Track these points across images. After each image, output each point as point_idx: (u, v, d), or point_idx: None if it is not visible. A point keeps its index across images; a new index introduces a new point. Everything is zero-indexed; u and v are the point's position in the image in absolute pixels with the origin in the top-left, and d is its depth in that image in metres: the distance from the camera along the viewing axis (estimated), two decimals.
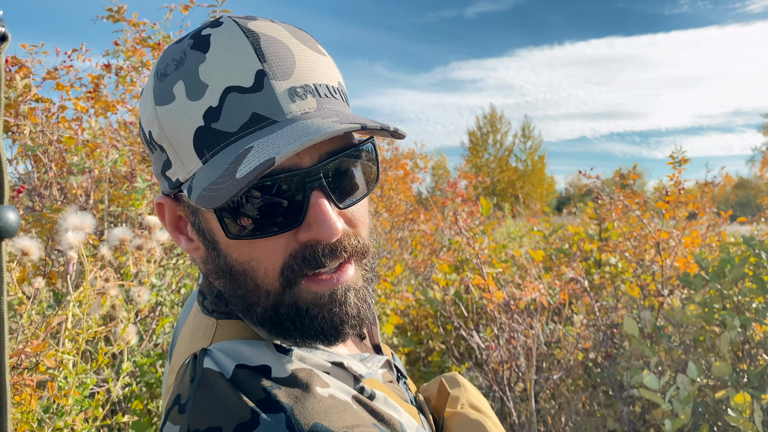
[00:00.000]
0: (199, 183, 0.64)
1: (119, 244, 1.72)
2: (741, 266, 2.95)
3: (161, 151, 0.69)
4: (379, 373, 0.82)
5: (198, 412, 0.64)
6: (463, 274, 4.06)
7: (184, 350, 0.78)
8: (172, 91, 0.66)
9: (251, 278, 0.69)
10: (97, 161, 2.66)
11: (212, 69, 0.65)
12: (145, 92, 0.71)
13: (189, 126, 0.65)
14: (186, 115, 0.65)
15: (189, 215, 0.73)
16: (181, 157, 0.67)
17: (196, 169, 0.66)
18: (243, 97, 0.64)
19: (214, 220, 0.68)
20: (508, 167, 40.64)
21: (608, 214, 3.91)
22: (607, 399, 3.25)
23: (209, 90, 0.64)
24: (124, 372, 1.73)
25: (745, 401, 2.33)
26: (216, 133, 0.64)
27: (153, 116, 0.68)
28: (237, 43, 0.66)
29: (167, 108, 0.66)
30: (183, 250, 0.75)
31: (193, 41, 0.67)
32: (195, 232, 0.73)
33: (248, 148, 0.61)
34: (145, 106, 0.70)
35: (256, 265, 0.68)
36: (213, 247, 0.71)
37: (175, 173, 0.69)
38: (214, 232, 0.70)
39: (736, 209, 21.64)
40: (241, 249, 0.68)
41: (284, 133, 0.61)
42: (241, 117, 0.64)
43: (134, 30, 3.33)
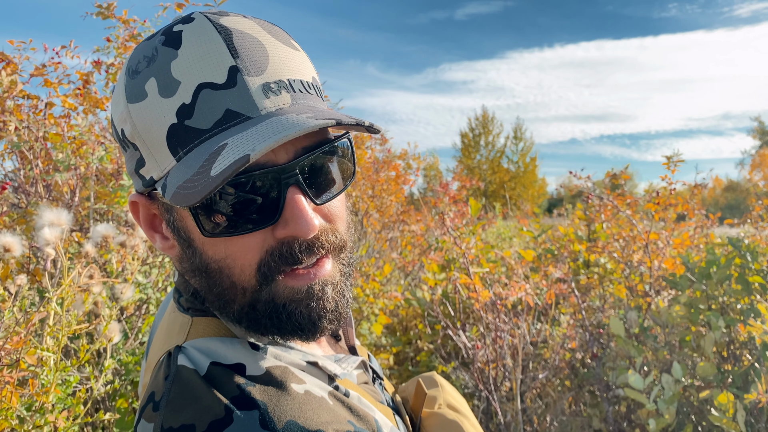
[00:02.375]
0: (173, 181, 0.63)
1: (103, 240, 1.71)
2: (726, 267, 2.97)
3: (134, 149, 0.68)
4: (354, 374, 0.82)
5: (172, 410, 0.64)
6: (450, 273, 4.06)
7: (159, 348, 0.78)
8: (144, 89, 0.65)
9: (227, 276, 0.68)
10: (84, 158, 2.65)
11: (184, 65, 0.64)
12: (117, 90, 0.70)
13: (162, 123, 0.64)
14: (159, 113, 0.64)
15: (163, 213, 0.72)
16: (155, 155, 0.66)
17: (170, 167, 0.65)
18: (216, 93, 0.63)
19: (189, 218, 0.68)
20: (500, 169, 40.72)
21: (597, 216, 3.93)
22: (593, 399, 3.27)
23: (182, 87, 0.63)
24: (106, 369, 1.72)
25: (729, 401, 2.35)
26: (189, 130, 0.63)
27: (125, 114, 0.67)
28: (209, 39, 0.65)
29: (139, 105, 0.65)
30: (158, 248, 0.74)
31: (164, 38, 0.67)
32: (170, 230, 0.72)
33: (222, 145, 0.61)
34: (116, 104, 0.69)
35: (232, 262, 0.67)
36: (188, 245, 0.70)
37: (148, 171, 0.68)
38: (189, 230, 0.69)
39: (725, 212, 21.77)
40: (216, 246, 0.68)
41: (259, 130, 0.61)
42: (214, 114, 0.63)
43: (125, 27, 3.32)
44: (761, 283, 2.98)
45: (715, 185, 47.88)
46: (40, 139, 2.72)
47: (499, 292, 3.14)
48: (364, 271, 4.65)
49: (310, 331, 0.70)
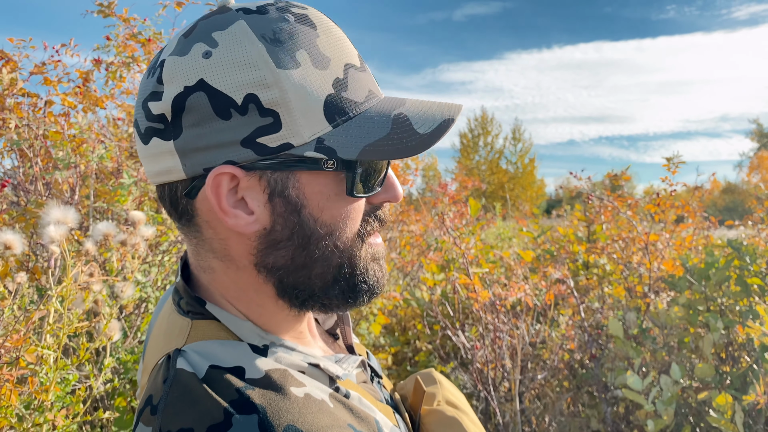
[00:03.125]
0: (349, 141, 0.68)
1: (103, 239, 1.71)
2: (725, 269, 2.97)
3: (260, 116, 0.66)
4: (354, 374, 0.82)
5: (170, 413, 0.64)
6: (449, 273, 4.06)
7: (157, 350, 0.77)
8: (296, 58, 0.68)
9: (333, 239, 0.73)
10: (83, 156, 2.65)
11: (328, 45, 0.71)
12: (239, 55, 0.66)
13: (320, 92, 0.68)
14: (315, 82, 0.68)
15: (267, 183, 0.70)
16: (303, 121, 0.67)
17: (323, 132, 0.68)
18: (359, 74, 0.73)
19: (314, 183, 0.71)
20: (499, 169, 40.73)
21: (597, 217, 3.93)
22: (592, 399, 3.27)
23: (333, 63, 0.70)
24: (105, 368, 1.72)
25: (727, 402, 2.35)
26: (347, 101, 0.70)
27: (271, 80, 0.66)
28: (334, 27, 0.74)
29: (293, 72, 0.67)
30: (231, 225, 0.71)
31: (292, 16, 0.70)
32: (266, 201, 0.71)
33: (401, 114, 0.72)
34: (240, 70, 0.66)
35: (344, 225, 0.73)
36: (297, 212, 0.71)
37: (281, 138, 0.67)
38: (306, 197, 0.71)
39: (724, 214, 21.74)
40: (338, 210, 0.72)
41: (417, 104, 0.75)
42: (363, 90, 0.72)
43: (125, 25, 3.32)
44: (760, 285, 2.98)
45: (713, 187, 47.94)
46: (40, 137, 2.72)
47: (498, 293, 3.14)
48: None
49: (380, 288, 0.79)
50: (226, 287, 0.77)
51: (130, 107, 3.25)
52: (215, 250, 0.76)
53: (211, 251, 0.77)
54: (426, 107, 0.74)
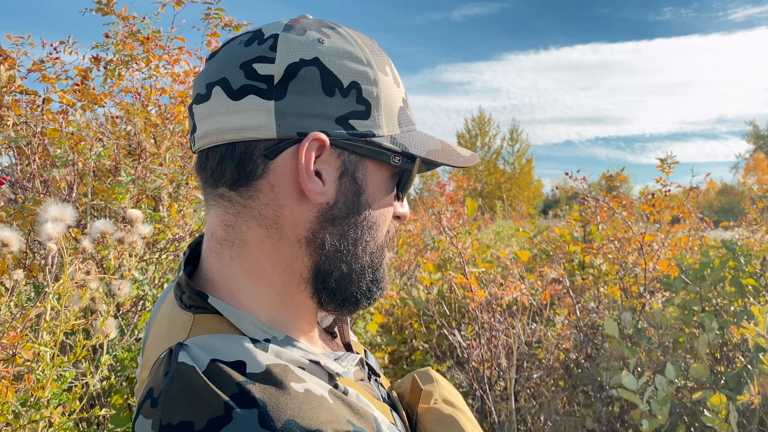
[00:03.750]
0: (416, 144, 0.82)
1: (100, 237, 1.71)
2: (720, 269, 2.99)
3: (356, 102, 0.77)
4: (352, 371, 0.83)
5: (170, 406, 0.64)
6: (446, 272, 4.07)
7: (159, 345, 0.77)
8: (386, 69, 0.81)
9: (374, 231, 0.81)
10: (81, 154, 2.65)
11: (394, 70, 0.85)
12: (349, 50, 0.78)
13: (397, 101, 0.81)
14: (395, 93, 0.81)
15: (343, 162, 0.78)
16: (385, 118, 0.79)
17: (395, 133, 0.80)
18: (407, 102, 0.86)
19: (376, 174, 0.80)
20: (496, 170, 40.77)
21: (593, 217, 3.94)
22: (587, 399, 3.28)
23: (401, 85, 0.85)
24: (102, 365, 1.72)
25: (721, 402, 2.37)
26: (407, 116, 0.84)
27: (372, 77, 0.78)
28: None
29: (386, 79, 0.80)
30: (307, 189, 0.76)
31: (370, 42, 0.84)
32: (338, 177, 0.78)
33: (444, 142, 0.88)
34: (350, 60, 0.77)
35: (382, 221, 0.82)
36: (359, 195, 0.79)
37: (367, 126, 0.77)
38: (369, 183, 0.80)
39: (719, 215, 21.75)
40: (384, 204, 0.82)
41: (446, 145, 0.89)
42: (412, 116, 0.87)
43: (124, 24, 3.32)
44: (754, 286, 3.00)
45: (709, 188, 48.07)
46: (38, 135, 2.72)
47: (494, 292, 3.15)
48: None
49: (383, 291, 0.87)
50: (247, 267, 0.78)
51: (128, 105, 3.25)
52: (265, 216, 0.77)
53: (256, 219, 0.77)
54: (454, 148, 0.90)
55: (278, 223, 0.77)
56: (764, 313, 2.47)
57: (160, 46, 3.36)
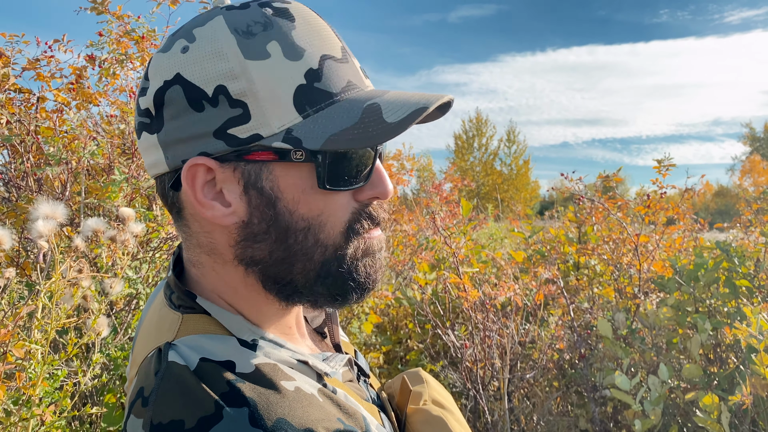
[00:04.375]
0: (315, 132, 0.67)
1: (93, 235, 1.71)
2: (714, 271, 3.00)
3: (230, 107, 0.68)
4: (340, 372, 0.83)
5: (161, 405, 0.64)
6: (440, 272, 4.07)
7: (147, 344, 0.77)
8: (266, 49, 0.69)
9: (314, 233, 0.72)
10: (75, 153, 2.65)
11: (305, 36, 0.71)
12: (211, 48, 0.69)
13: (289, 83, 0.68)
14: (285, 73, 0.68)
15: (240, 175, 0.71)
16: (272, 111, 0.68)
17: (292, 123, 0.68)
18: (338, 65, 0.72)
19: (288, 175, 0.70)
20: (493, 171, 40.79)
21: (588, 218, 3.95)
22: (580, 399, 3.29)
23: (307, 54, 0.70)
24: (94, 363, 1.72)
25: (714, 403, 2.37)
26: (319, 91, 0.69)
27: (238, 70, 0.68)
28: (316, 19, 0.74)
29: (262, 63, 0.68)
30: (209, 216, 0.72)
31: (271, 10, 0.71)
32: (242, 193, 0.71)
33: (374, 103, 0.69)
34: (210, 62, 0.68)
35: (325, 219, 0.72)
36: (272, 205, 0.71)
37: (251, 128, 0.68)
38: (281, 189, 0.71)
39: (716, 217, 21.78)
40: (315, 203, 0.71)
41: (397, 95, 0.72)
42: (340, 81, 0.71)
43: (119, 22, 3.31)
44: (748, 287, 3.01)
45: (705, 190, 48.14)
46: (32, 133, 2.71)
47: (488, 292, 3.15)
48: None
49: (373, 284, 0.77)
50: (215, 282, 0.78)
51: (123, 104, 3.24)
52: (202, 244, 0.77)
53: (198, 245, 0.78)
54: (406, 96, 0.72)
55: (215, 249, 0.76)
56: (757, 314, 2.47)
57: (155, 45, 3.35)
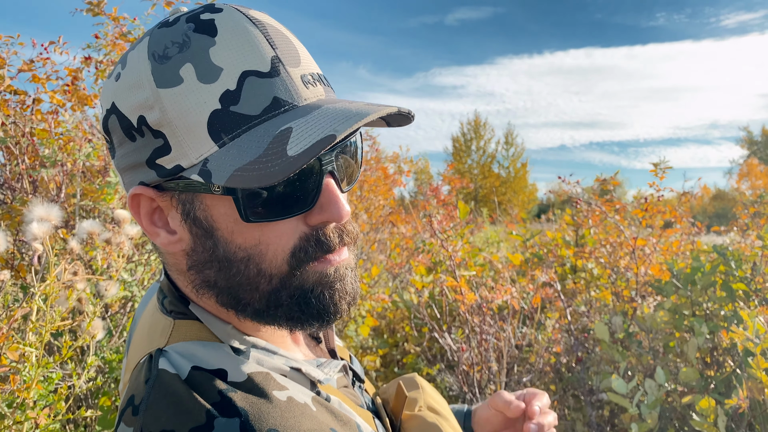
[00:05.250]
0: (225, 164, 0.62)
1: (88, 237, 1.70)
2: (711, 274, 2.99)
3: (153, 137, 0.66)
4: (335, 378, 0.82)
5: (152, 415, 0.64)
6: (436, 275, 4.07)
7: (140, 348, 0.77)
8: (179, 74, 0.64)
9: (255, 263, 0.68)
10: (70, 155, 2.64)
11: (225, 52, 0.64)
12: (135, 76, 0.67)
13: (202, 109, 0.63)
14: (198, 98, 0.63)
15: (178, 204, 0.70)
16: (189, 141, 0.64)
17: (209, 153, 0.64)
18: (262, 81, 0.64)
19: (218, 206, 0.67)
20: (491, 173, 40.84)
21: (585, 221, 3.95)
22: (577, 402, 3.28)
23: (225, 73, 0.63)
24: (88, 366, 1.71)
25: (710, 406, 2.37)
26: (236, 116, 0.63)
27: (152, 100, 0.65)
28: (247, 29, 0.66)
29: (174, 90, 0.64)
30: (158, 243, 0.72)
31: (193, 25, 0.66)
32: (182, 221, 0.70)
33: (286, 129, 0.62)
34: (134, 91, 0.66)
35: (265, 248, 0.68)
36: (210, 235, 0.69)
37: (173, 159, 0.66)
38: (214, 219, 0.68)
39: (713, 220, 21.86)
40: (250, 233, 0.67)
41: (322, 114, 0.63)
42: (262, 101, 0.64)
43: (114, 24, 3.31)
44: (745, 290, 3.00)
45: (703, 194, 48.30)
46: (27, 135, 2.70)
47: (485, 295, 3.15)
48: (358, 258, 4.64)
49: (332, 314, 0.72)
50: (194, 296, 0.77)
51: None
52: (169, 263, 0.77)
53: (168, 264, 0.78)
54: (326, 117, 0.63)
55: (181, 270, 0.76)
56: (753, 317, 2.47)
57: None
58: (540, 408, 1.00)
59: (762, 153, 52.46)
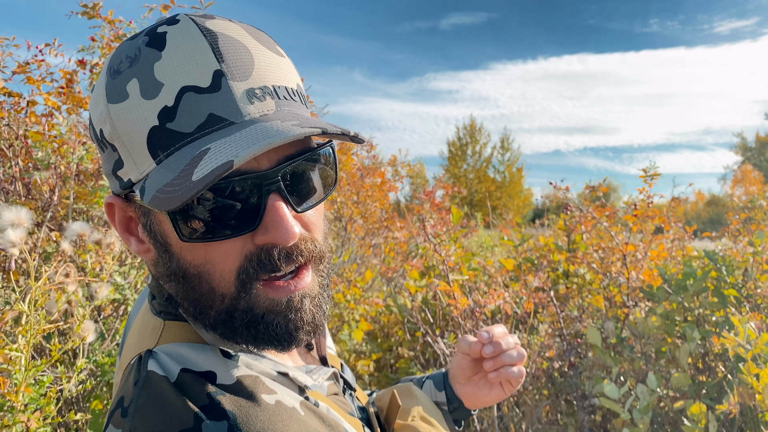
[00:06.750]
0: (152, 184, 0.62)
1: (78, 239, 1.70)
2: (702, 280, 3.01)
3: (112, 150, 0.68)
4: (325, 385, 0.82)
5: (140, 417, 0.64)
6: (429, 280, 4.07)
7: (131, 349, 0.77)
8: (126, 89, 0.64)
9: (206, 281, 0.68)
10: (64, 157, 2.63)
11: (168, 67, 0.63)
12: (97, 89, 0.68)
13: (143, 125, 0.63)
14: (140, 114, 0.63)
15: (140, 216, 0.71)
16: (134, 156, 0.65)
17: (149, 170, 0.64)
18: (200, 97, 0.63)
19: (166, 222, 0.67)
20: (486, 178, 40.92)
21: (578, 226, 3.96)
22: (569, 407, 3.29)
23: (164, 89, 0.63)
24: (78, 369, 1.70)
25: (701, 411, 2.38)
26: (171, 133, 0.63)
27: (104, 114, 0.66)
28: (194, 42, 0.65)
29: (120, 106, 0.64)
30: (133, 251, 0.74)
31: (148, 38, 0.66)
32: (146, 233, 0.72)
33: (205, 150, 0.60)
34: (96, 104, 0.68)
35: (212, 268, 0.67)
36: (165, 249, 0.69)
37: (126, 173, 0.67)
38: (167, 234, 0.69)
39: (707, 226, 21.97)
40: (195, 252, 0.67)
41: (243, 135, 0.61)
42: (197, 117, 0.63)
43: (110, 27, 3.31)
44: (736, 296, 3.02)
45: (697, 199, 48.50)
46: (21, 137, 2.70)
47: (478, 300, 3.15)
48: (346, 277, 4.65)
49: (287, 342, 0.70)
50: None
51: None
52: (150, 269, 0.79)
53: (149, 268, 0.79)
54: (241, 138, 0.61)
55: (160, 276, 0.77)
56: (744, 323, 2.48)
57: None
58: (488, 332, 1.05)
59: (756, 159, 52.73)
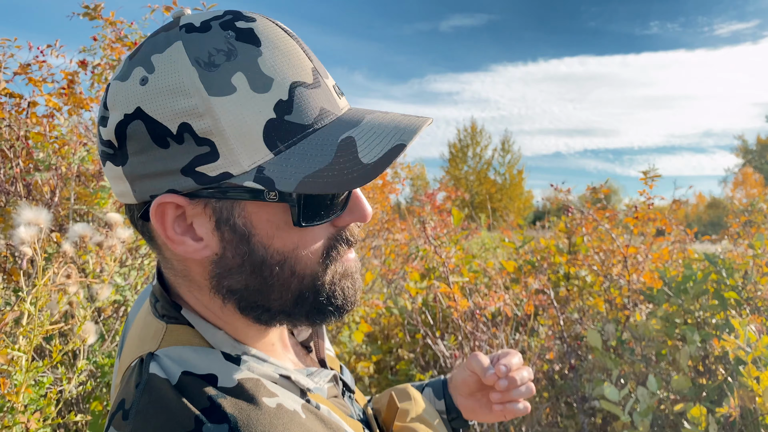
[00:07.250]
0: (288, 172, 0.64)
1: (80, 240, 1.70)
2: (702, 282, 3.01)
3: (197, 145, 0.65)
4: (325, 388, 0.83)
5: (141, 419, 0.64)
6: (429, 282, 4.07)
7: (131, 351, 0.77)
8: (231, 82, 0.64)
9: (290, 266, 0.71)
10: (65, 158, 2.64)
11: (273, 63, 0.66)
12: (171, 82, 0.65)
13: (258, 118, 0.65)
14: (254, 107, 0.65)
15: (212, 212, 0.69)
16: (241, 149, 0.65)
17: (264, 161, 0.65)
18: (309, 92, 0.68)
19: (262, 212, 0.69)
20: (487, 180, 40.92)
21: (578, 229, 3.96)
22: (570, 410, 3.28)
23: (275, 84, 0.66)
24: (78, 370, 1.71)
25: (702, 414, 2.38)
26: (290, 125, 0.66)
27: (203, 108, 0.64)
28: (285, 40, 0.69)
29: (228, 99, 0.64)
30: (180, 252, 0.71)
31: (234, 33, 0.66)
32: (214, 229, 0.70)
33: (347, 138, 0.66)
34: (172, 98, 0.64)
35: (301, 251, 0.71)
36: (246, 241, 0.69)
37: (220, 167, 0.65)
38: (254, 225, 0.69)
39: (708, 228, 21.97)
40: (289, 238, 0.70)
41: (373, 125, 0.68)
42: (312, 111, 0.68)
43: (112, 28, 3.31)
44: (736, 299, 3.02)
45: (698, 202, 48.51)
46: (22, 138, 2.70)
47: (478, 302, 3.15)
48: None
49: (351, 305, 0.77)
50: (194, 303, 0.78)
51: None
52: (177, 270, 0.77)
53: (173, 270, 0.77)
54: (381, 128, 0.68)
55: (189, 276, 0.76)
56: (744, 326, 2.48)
57: None
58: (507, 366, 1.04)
59: (757, 162, 52.74)
